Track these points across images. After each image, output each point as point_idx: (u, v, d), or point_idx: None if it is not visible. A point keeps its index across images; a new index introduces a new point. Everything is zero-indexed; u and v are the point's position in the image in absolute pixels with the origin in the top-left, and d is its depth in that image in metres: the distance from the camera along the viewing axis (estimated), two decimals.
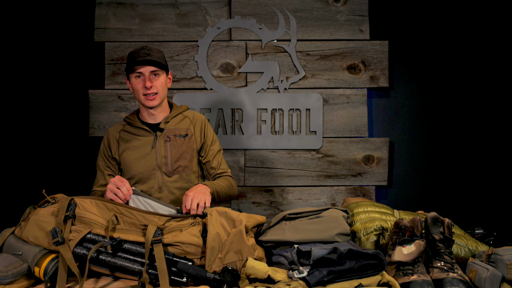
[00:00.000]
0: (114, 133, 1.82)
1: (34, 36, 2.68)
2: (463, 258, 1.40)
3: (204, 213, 1.37)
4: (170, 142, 1.78)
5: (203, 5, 2.66)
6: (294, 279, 1.13)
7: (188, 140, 1.81)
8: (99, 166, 1.83)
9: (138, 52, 1.70)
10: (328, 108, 2.66)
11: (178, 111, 1.85)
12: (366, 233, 1.46)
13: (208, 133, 1.88)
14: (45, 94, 2.69)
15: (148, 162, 1.76)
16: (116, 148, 1.80)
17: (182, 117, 1.85)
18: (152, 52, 1.71)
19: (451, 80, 2.70)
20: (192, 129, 1.83)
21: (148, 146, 1.77)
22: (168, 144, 1.77)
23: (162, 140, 1.77)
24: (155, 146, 1.77)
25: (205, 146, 1.87)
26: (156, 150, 1.77)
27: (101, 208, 1.35)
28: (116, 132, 1.83)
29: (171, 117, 1.82)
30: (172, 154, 1.77)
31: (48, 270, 1.17)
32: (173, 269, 1.20)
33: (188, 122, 1.84)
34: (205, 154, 1.87)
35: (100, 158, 1.84)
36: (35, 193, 1.65)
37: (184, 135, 1.81)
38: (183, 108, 1.88)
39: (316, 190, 2.67)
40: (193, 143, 1.82)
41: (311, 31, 2.67)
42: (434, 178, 2.71)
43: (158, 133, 1.78)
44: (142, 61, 1.67)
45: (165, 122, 1.80)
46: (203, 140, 1.86)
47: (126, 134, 1.81)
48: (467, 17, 2.68)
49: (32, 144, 2.68)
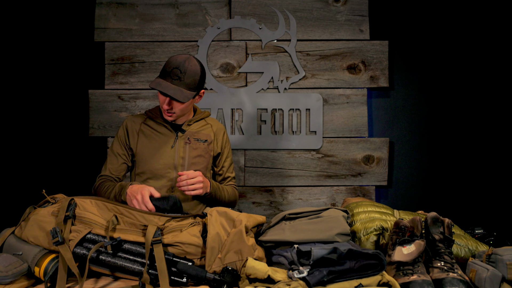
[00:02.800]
0: (135, 124, 1.81)
1: (34, 36, 2.68)
2: (463, 258, 1.40)
3: (204, 213, 1.37)
4: (189, 145, 1.79)
5: (203, 5, 2.66)
6: (294, 279, 1.13)
7: (206, 145, 1.83)
8: (113, 150, 1.80)
9: (171, 71, 1.63)
10: (328, 108, 2.66)
11: (201, 116, 1.87)
12: (366, 233, 1.46)
13: (227, 144, 1.92)
14: (45, 94, 2.69)
15: (165, 160, 1.76)
16: (135, 139, 1.79)
17: (204, 123, 1.87)
18: (184, 76, 1.62)
19: (451, 80, 2.70)
20: (212, 136, 1.86)
21: (167, 144, 1.78)
22: (187, 146, 1.79)
23: (182, 141, 1.79)
24: (175, 146, 1.78)
25: (221, 157, 1.91)
26: (175, 150, 1.77)
27: (101, 208, 1.35)
28: (137, 123, 1.82)
29: (193, 121, 1.84)
30: (190, 157, 1.78)
31: (48, 270, 1.17)
32: (173, 269, 1.20)
33: (209, 129, 1.87)
34: (220, 165, 1.91)
35: (116, 143, 1.81)
36: (35, 193, 1.65)
37: (204, 140, 1.83)
38: (206, 114, 1.90)
39: (316, 190, 2.67)
40: (211, 150, 1.85)
41: (311, 31, 2.67)
42: (434, 178, 2.71)
43: (180, 133, 1.79)
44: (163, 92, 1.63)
45: (187, 124, 1.81)
46: (221, 151, 1.90)
47: (147, 128, 1.81)
48: (467, 17, 2.68)
49: (32, 144, 2.68)
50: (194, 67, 1.65)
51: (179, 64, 1.63)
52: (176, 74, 1.62)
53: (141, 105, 2.65)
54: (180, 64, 1.63)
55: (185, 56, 1.66)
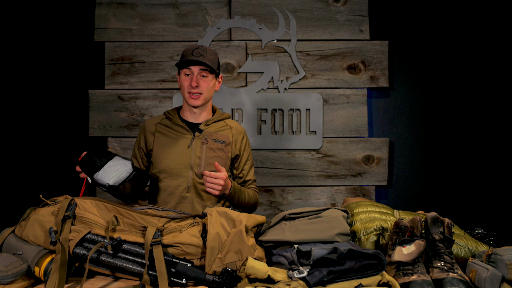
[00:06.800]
0: (150, 126, 1.83)
1: (35, 36, 2.68)
2: (463, 258, 1.40)
3: (204, 213, 1.37)
4: (206, 145, 1.79)
5: (203, 5, 2.66)
6: (294, 279, 1.13)
7: (224, 146, 1.82)
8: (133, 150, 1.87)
9: (192, 50, 1.73)
10: (328, 108, 2.66)
11: (220, 117, 1.87)
12: (366, 233, 1.46)
13: (246, 147, 1.90)
14: (45, 94, 2.69)
15: (181, 159, 1.76)
16: (152, 140, 1.81)
17: (224, 124, 1.87)
18: (206, 53, 1.73)
19: (451, 80, 2.70)
20: (230, 138, 1.84)
21: (184, 144, 1.78)
22: (204, 146, 1.78)
23: (199, 141, 1.78)
24: (191, 146, 1.77)
25: (241, 160, 1.89)
26: (192, 150, 1.77)
27: (101, 209, 1.34)
28: (152, 125, 1.83)
29: (212, 121, 1.83)
30: (207, 157, 1.78)
31: (48, 270, 1.17)
32: (172, 270, 1.20)
33: (228, 131, 1.85)
34: (240, 168, 1.89)
35: (135, 145, 1.87)
36: (35, 193, 1.64)
37: (222, 141, 1.82)
38: (226, 115, 1.90)
39: (316, 190, 2.67)
40: (228, 151, 1.83)
41: (311, 31, 2.67)
42: (434, 178, 2.71)
43: (197, 133, 1.79)
44: (193, 61, 1.70)
45: (205, 124, 1.81)
46: (240, 153, 1.88)
47: (163, 127, 1.81)
48: (467, 17, 2.68)
49: (32, 144, 2.68)
50: (211, 49, 1.80)
51: (197, 46, 1.76)
52: (198, 52, 1.72)
53: (141, 105, 2.65)
54: (199, 46, 1.76)
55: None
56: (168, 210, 1.43)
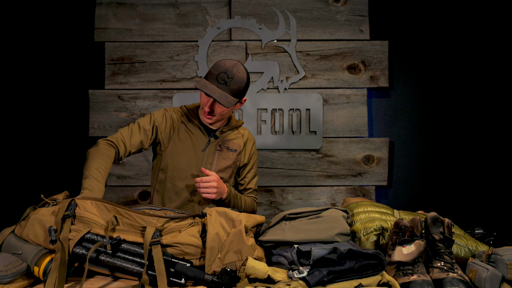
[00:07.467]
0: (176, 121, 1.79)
1: (35, 36, 2.68)
2: (463, 258, 1.40)
3: (203, 213, 1.37)
4: (219, 152, 1.79)
5: (203, 5, 2.66)
6: (294, 279, 1.13)
7: (235, 156, 1.82)
8: (139, 124, 1.75)
9: (218, 75, 1.62)
10: (328, 108, 2.66)
11: (236, 124, 1.86)
12: (366, 233, 1.46)
13: (254, 155, 1.91)
14: (45, 94, 2.69)
15: (193, 162, 1.76)
16: (169, 133, 1.77)
17: (237, 132, 1.86)
18: (231, 82, 1.62)
19: (451, 80, 2.70)
20: (241, 146, 1.85)
21: (198, 146, 1.77)
22: (217, 154, 1.78)
23: (213, 147, 1.78)
24: (205, 150, 1.77)
25: (245, 168, 1.89)
26: (205, 154, 1.77)
27: (101, 209, 1.34)
28: (178, 120, 1.80)
29: (227, 128, 1.82)
30: (218, 165, 1.78)
31: (47, 270, 1.17)
32: (172, 270, 1.20)
33: (240, 139, 1.86)
34: (243, 175, 1.89)
35: (146, 120, 1.76)
36: (35, 193, 1.64)
37: (234, 150, 1.82)
38: (240, 122, 1.89)
39: (316, 190, 2.67)
40: (238, 160, 1.84)
41: (311, 31, 2.67)
42: (434, 178, 2.71)
43: (212, 139, 1.79)
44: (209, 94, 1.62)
45: (221, 132, 1.80)
46: (248, 162, 1.88)
47: (183, 126, 1.80)
48: (467, 17, 2.68)
49: (32, 144, 2.68)
50: (241, 74, 1.66)
51: (227, 69, 1.63)
52: (223, 78, 1.62)
53: (141, 105, 2.65)
54: (228, 69, 1.63)
55: (233, 62, 1.66)
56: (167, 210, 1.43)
